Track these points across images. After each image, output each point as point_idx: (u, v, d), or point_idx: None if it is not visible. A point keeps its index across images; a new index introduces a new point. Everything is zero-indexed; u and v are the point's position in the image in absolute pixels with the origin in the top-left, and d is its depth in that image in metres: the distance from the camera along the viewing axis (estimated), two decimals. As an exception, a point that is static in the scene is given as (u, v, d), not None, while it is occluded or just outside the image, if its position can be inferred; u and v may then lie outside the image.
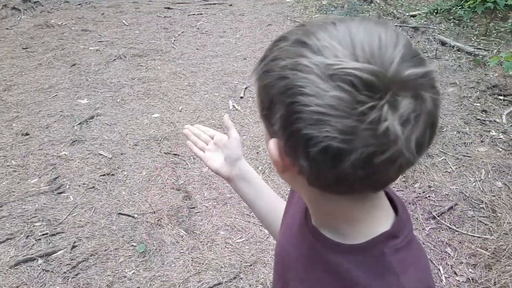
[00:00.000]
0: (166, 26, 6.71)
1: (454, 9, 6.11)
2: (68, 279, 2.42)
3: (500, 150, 3.23)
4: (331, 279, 0.61)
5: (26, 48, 5.96)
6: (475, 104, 3.85)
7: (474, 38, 5.35)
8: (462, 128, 3.51)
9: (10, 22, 7.22)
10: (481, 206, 2.74)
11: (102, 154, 3.51)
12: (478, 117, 3.64)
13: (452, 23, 5.90)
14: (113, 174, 3.27)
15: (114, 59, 5.42)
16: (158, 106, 4.27)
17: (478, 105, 3.83)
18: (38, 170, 3.34)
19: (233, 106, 4.20)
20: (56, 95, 4.56)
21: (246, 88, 4.49)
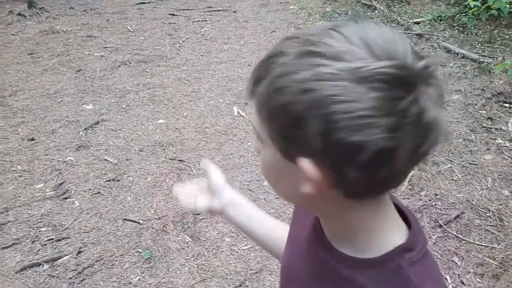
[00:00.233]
0: (170, 33, 6.74)
1: (458, 16, 6.12)
2: (73, 285, 2.41)
3: (506, 158, 3.22)
4: None
5: (32, 53, 6.00)
6: (481, 111, 3.84)
7: (479, 45, 5.35)
8: (468, 135, 3.50)
9: (16, 28, 7.27)
10: (488, 214, 2.73)
11: (107, 160, 3.52)
12: (484, 124, 3.64)
13: (456, 30, 5.90)
14: (118, 180, 3.27)
15: (119, 65, 5.44)
16: (163, 112, 4.28)
17: (484, 112, 3.82)
18: (44, 175, 3.35)
19: (237, 112, 4.21)
20: (61, 101, 4.58)
21: (251, 94, 4.49)
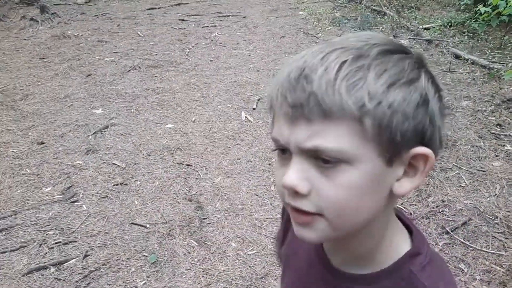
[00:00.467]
0: (180, 38, 6.79)
1: (468, 22, 6.09)
2: (80, 288, 2.43)
3: (515, 165, 3.18)
4: None
5: (43, 58, 6.08)
6: (490, 118, 3.81)
7: (489, 51, 5.31)
8: (477, 142, 3.47)
9: (28, 33, 7.37)
10: (495, 221, 2.70)
11: (115, 164, 3.55)
12: (493, 131, 3.60)
13: (466, 36, 5.87)
14: (126, 184, 3.29)
15: (129, 70, 5.49)
16: (172, 116, 4.31)
17: (493, 119, 3.79)
18: (53, 179, 3.38)
19: (245, 117, 4.22)
20: (71, 105, 4.63)
21: (259, 99, 4.51)
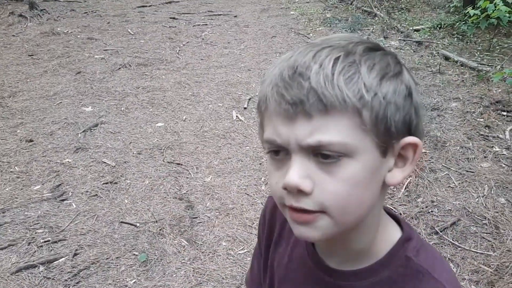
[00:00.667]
0: (171, 36, 6.76)
1: (457, 24, 6.15)
2: (69, 287, 2.41)
3: (503, 166, 3.23)
4: None
5: (32, 55, 6.01)
6: (478, 119, 3.85)
7: (478, 53, 5.37)
8: (465, 143, 3.51)
9: (17, 29, 7.29)
10: (484, 222, 2.74)
11: (105, 162, 3.52)
12: (481, 132, 3.65)
13: (455, 38, 5.93)
14: (116, 182, 3.27)
15: (119, 68, 5.46)
16: (162, 115, 4.29)
17: (482, 120, 3.83)
18: (41, 177, 3.35)
19: (236, 116, 4.21)
20: (60, 103, 4.59)
21: (250, 99, 4.51)
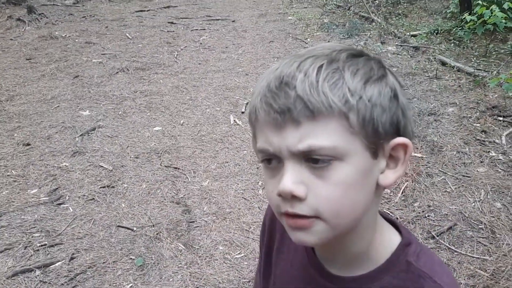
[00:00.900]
0: (169, 41, 6.78)
1: (454, 30, 6.19)
2: (65, 292, 2.40)
3: (499, 171, 3.24)
4: None
5: (30, 59, 6.02)
6: (475, 124, 3.87)
7: (474, 59, 5.40)
8: (462, 148, 3.52)
9: (15, 33, 7.30)
10: (480, 227, 2.74)
11: (102, 166, 3.52)
12: (478, 137, 3.66)
13: (452, 44, 5.96)
14: (113, 186, 3.27)
15: (117, 72, 5.46)
16: (160, 119, 4.29)
17: (478, 125, 3.85)
18: (38, 181, 3.34)
19: (234, 121, 4.22)
20: (58, 106, 4.59)
21: (247, 103, 4.52)
